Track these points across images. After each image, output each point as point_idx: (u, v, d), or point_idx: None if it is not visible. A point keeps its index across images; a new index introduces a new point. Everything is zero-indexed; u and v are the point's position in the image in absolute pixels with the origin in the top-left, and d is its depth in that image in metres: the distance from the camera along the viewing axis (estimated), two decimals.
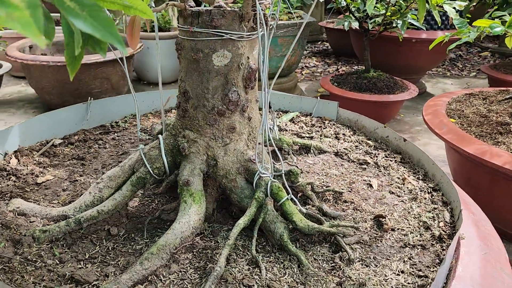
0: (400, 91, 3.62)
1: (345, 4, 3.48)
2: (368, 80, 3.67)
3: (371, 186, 1.56)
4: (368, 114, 3.49)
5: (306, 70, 5.39)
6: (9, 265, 1.08)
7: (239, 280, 1.11)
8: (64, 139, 1.76)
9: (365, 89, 3.58)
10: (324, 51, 6.40)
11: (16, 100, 4.18)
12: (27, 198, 1.36)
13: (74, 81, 3.68)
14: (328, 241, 1.26)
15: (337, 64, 5.67)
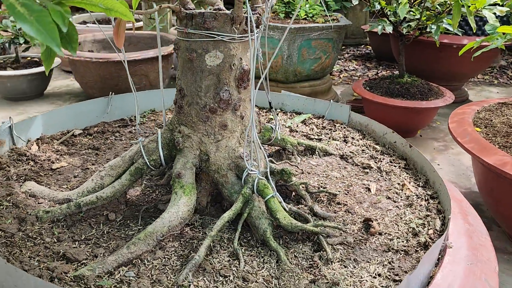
0: (434, 97, 3.53)
1: (380, 7, 3.44)
2: (401, 86, 3.61)
3: (369, 190, 1.57)
4: (399, 120, 3.43)
5: (344, 74, 5.35)
6: (11, 240, 1.20)
7: (217, 270, 1.17)
8: (84, 130, 1.90)
9: (397, 94, 3.52)
10: (366, 55, 6.31)
11: (63, 93, 4.45)
12: (40, 181, 1.49)
13: (114, 77, 3.88)
14: (312, 240, 1.29)
15: (377, 69, 5.57)
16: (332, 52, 4.21)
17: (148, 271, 1.15)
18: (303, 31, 3.75)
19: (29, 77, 3.91)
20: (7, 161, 1.54)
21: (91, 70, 3.88)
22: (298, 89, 4.03)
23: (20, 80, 3.88)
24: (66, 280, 1.08)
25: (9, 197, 1.36)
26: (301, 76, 4.01)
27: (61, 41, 0.81)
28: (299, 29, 3.70)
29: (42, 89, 4.17)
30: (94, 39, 4.55)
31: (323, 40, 4.01)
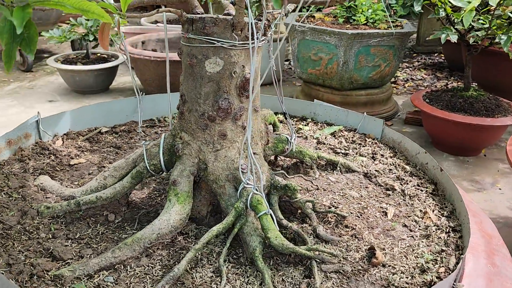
0: (501, 114, 3.20)
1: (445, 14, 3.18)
2: (464, 100, 3.31)
3: (386, 215, 1.44)
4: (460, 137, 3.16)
5: (410, 83, 5.03)
6: (8, 232, 1.24)
7: (196, 285, 1.12)
8: (111, 128, 1.94)
9: (459, 109, 3.24)
10: (438, 64, 5.89)
11: (127, 89, 4.65)
12: (55, 176, 1.54)
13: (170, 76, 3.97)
14: (304, 264, 1.20)
15: (448, 79, 5.17)
16: (393, 60, 3.98)
17: (127, 278, 1.13)
18: (361, 37, 3.58)
19: (96, 72, 4.12)
20: (29, 154, 1.61)
21: (150, 68, 4.01)
22: (354, 97, 3.87)
23: (88, 75, 4.10)
24: (45, 278, 1.09)
25: (21, 189, 1.42)
26: (357, 83, 3.84)
27: (21, 43, 0.81)
28: (357, 35, 3.54)
29: (108, 84, 4.37)
30: (158, 38, 4.69)
31: (384, 47, 3.80)
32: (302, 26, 3.72)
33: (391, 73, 4.07)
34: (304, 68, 3.92)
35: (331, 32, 3.58)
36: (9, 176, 1.47)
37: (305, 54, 3.86)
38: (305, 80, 4.04)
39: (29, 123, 1.65)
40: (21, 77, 4.77)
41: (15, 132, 1.60)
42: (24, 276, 1.08)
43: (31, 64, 4.90)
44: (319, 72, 3.86)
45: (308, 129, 2.00)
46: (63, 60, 4.20)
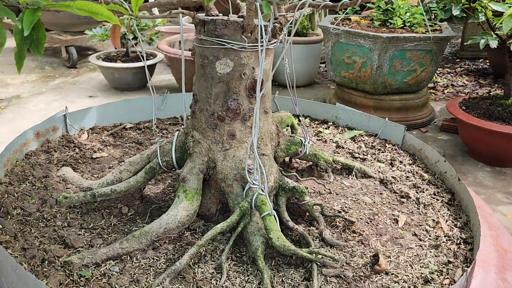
0: None
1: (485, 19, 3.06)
2: (504, 108, 3.18)
3: (396, 222, 1.41)
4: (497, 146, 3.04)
5: (449, 89, 4.86)
6: (27, 218, 1.32)
7: (197, 280, 1.15)
8: (136, 124, 2.01)
9: (497, 117, 3.11)
10: (482, 70, 5.64)
11: (163, 87, 4.77)
12: (77, 168, 1.62)
13: None
14: (305, 266, 1.20)
15: (491, 86, 4.95)
16: (430, 65, 3.88)
17: (132, 269, 1.18)
18: (397, 41, 3.51)
19: (134, 70, 4.25)
20: (55, 146, 1.70)
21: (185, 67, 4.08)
22: (387, 102, 3.80)
23: (126, 72, 4.24)
24: (55, 264, 1.15)
25: (44, 179, 1.51)
26: (391, 88, 3.76)
27: (30, 45, 0.86)
28: (392, 39, 3.47)
29: (145, 81, 4.50)
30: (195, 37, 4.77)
31: (420, 51, 3.71)
32: (336, 29, 3.69)
33: (428, 78, 3.96)
34: (338, 71, 3.88)
35: (366, 35, 3.53)
36: (34, 166, 1.56)
37: (339, 57, 3.83)
38: (338, 83, 4.00)
39: (57, 117, 1.74)
40: (66, 73, 4.98)
41: (43, 125, 1.70)
42: (36, 260, 1.15)
43: (76, 61, 5.11)
44: (352, 75, 3.81)
45: (328, 133, 1.99)
46: (104, 57, 4.37)
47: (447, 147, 3.32)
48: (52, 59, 5.46)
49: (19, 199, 1.38)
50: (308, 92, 4.77)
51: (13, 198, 1.38)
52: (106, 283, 1.12)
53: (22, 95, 4.16)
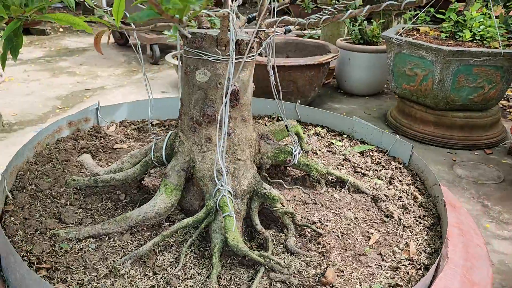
0: None
1: None
2: None
3: (368, 240, 1.42)
4: None
5: None
6: (38, 194, 1.55)
7: (155, 266, 1.28)
8: (162, 121, 2.20)
9: None
10: None
11: None
12: (96, 156, 1.84)
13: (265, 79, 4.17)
14: (256, 268, 1.27)
15: None
16: (501, 82, 3.60)
17: (106, 248, 1.34)
18: (461, 55, 3.34)
19: None
20: (83, 135, 1.94)
21: None
22: (449, 119, 3.62)
23: None
24: (45, 235, 1.36)
25: (64, 162, 1.74)
26: (454, 104, 3.58)
27: (10, 49, 1.06)
28: (456, 53, 3.32)
29: None
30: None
31: (489, 67, 3.48)
32: (399, 39, 3.60)
33: (497, 96, 3.69)
34: (399, 83, 3.78)
35: (428, 47, 3.41)
36: (60, 150, 1.81)
37: (401, 68, 3.73)
38: (399, 95, 3.90)
39: (89, 109, 1.98)
40: (148, 68, 5.42)
41: (76, 116, 1.95)
42: (30, 229, 1.37)
43: (158, 58, 5.54)
44: (413, 88, 3.70)
45: (340, 145, 2.01)
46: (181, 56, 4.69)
47: (510, 172, 3.08)
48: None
49: (37, 177, 1.63)
50: (373, 102, 4.68)
51: (33, 175, 1.63)
52: (80, 256, 1.29)
53: (106, 87, 4.64)
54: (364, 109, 4.42)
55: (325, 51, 4.44)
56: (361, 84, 4.71)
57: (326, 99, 4.66)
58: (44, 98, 4.22)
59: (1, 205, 1.43)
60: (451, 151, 3.50)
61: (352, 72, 4.72)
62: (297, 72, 4.11)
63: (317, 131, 2.11)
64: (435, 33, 3.90)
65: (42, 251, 1.29)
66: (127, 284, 1.21)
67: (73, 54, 5.95)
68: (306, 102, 4.28)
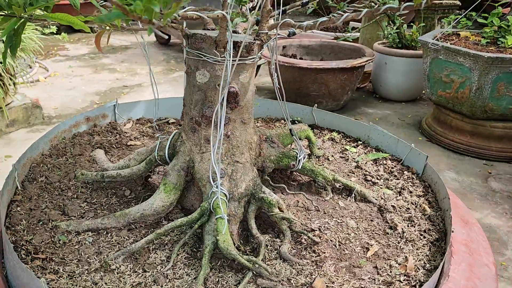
0: None
1: None
2: None
3: (366, 252, 1.37)
4: None
5: None
6: (47, 186, 1.60)
7: (145, 263, 1.30)
8: (178, 120, 2.22)
9: None
10: None
11: (264, 88, 4.99)
12: (108, 152, 1.88)
13: (297, 82, 4.15)
14: (243, 273, 1.26)
15: None
16: None
17: (103, 242, 1.37)
18: (502, 62, 3.18)
19: None
20: (99, 131, 2.00)
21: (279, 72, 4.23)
22: (487, 128, 3.45)
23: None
24: (47, 226, 1.41)
25: (77, 157, 1.80)
26: (492, 113, 3.41)
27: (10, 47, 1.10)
28: (495, 59, 3.16)
29: None
30: (300, 44, 4.90)
31: None
32: (435, 44, 3.47)
33: None
34: (434, 89, 3.64)
35: (466, 53, 3.26)
36: (75, 145, 1.87)
37: (437, 74, 3.59)
38: (434, 102, 3.75)
39: (107, 106, 2.03)
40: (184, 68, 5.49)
41: (94, 112, 2.01)
42: (34, 220, 1.42)
43: None
44: (449, 95, 3.55)
45: (354, 151, 1.95)
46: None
47: None
48: (179, 54, 6.04)
49: (49, 170, 1.69)
50: (408, 108, 4.54)
51: (45, 168, 1.69)
52: (76, 249, 1.33)
53: (143, 84, 4.75)
54: (398, 115, 4.28)
55: (360, 54, 4.35)
56: (397, 89, 4.57)
57: (360, 104, 4.56)
58: (84, 93, 4.38)
59: (11, 195, 1.49)
60: (487, 162, 3.33)
61: (388, 76, 4.59)
62: (329, 75, 4.05)
63: (332, 136, 2.07)
64: (476, 38, 3.72)
65: (41, 242, 1.34)
66: (115, 280, 1.22)
67: (116, 52, 6.14)
68: (338, 106, 4.21)
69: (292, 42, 4.84)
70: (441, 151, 3.59)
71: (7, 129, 2.77)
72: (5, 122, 2.80)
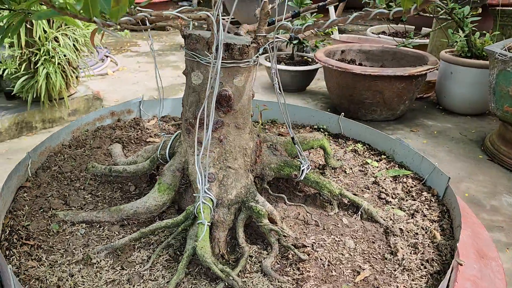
0: None
1: None
2: None
3: (355, 276, 1.26)
4: None
5: None
6: (59, 175, 1.67)
7: (125, 261, 1.30)
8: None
9: None
10: None
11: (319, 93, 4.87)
12: (126, 147, 1.92)
13: (350, 87, 4.00)
14: (217, 283, 1.22)
15: None
16: None
17: (93, 235, 1.40)
18: None
19: (293, 73, 4.49)
20: (122, 125, 2.05)
21: (332, 77, 4.13)
22: None
23: (285, 74, 4.51)
24: (47, 213, 1.46)
25: (95, 149, 1.86)
26: None
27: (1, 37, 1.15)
28: None
29: (303, 85, 4.68)
30: (359, 49, 4.73)
31: None
32: (503, 55, 3.17)
33: None
34: (500, 104, 3.33)
35: None
36: (96, 137, 1.93)
37: (503, 88, 3.28)
38: (499, 118, 3.43)
39: (132, 102, 2.08)
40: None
41: (119, 107, 2.06)
42: (36, 207, 1.48)
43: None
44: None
45: (376, 166, 1.82)
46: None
47: None
48: None
49: (65, 160, 1.76)
50: (473, 122, 4.21)
51: (61, 158, 1.77)
52: (66, 239, 1.37)
53: None
54: (460, 130, 3.98)
55: (423, 62, 4.09)
56: (463, 102, 4.24)
57: (419, 115, 4.29)
58: (145, 88, 4.56)
59: (22, 181, 1.58)
60: None
61: (453, 87, 4.27)
62: (385, 82, 3.85)
63: (355, 148, 1.94)
64: None
65: (36, 228, 1.39)
66: (92, 274, 1.24)
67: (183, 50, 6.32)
68: (394, 116, 4.00)
69: (352, 46, 4.68)
70: (503, 172, 3.28)
71: (69, 117, 2.96)
72: (67, 111, 2.98)
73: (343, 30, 7.99)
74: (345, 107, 4.13)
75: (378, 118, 4.02)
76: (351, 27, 8.42)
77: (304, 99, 4.60)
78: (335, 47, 4.62)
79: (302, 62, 4.71)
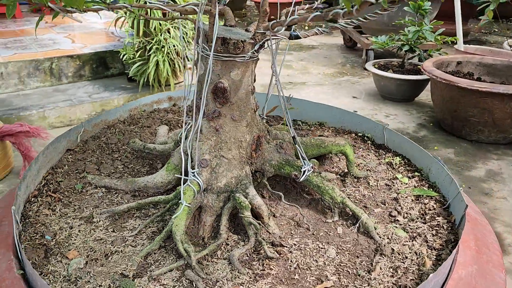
0: None
1: None
2: None
3: (316, 284, 1.22)
4: None
5: None
6: (104, 145, 1.91)
7: (121, 226, 1.45)
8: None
9: None
10: None
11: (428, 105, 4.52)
12: (172, 129, 2.09)
13: (454, 102, 3.67)
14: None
15: None
16: None
17: (106, 199, 1.58)
18: None
19: (398, 82, 4.29)
20: (176, 110, 2.22)
21: (437, 89, 3.85)
22: None
23: (390, 82, 4.35)
24: (80, 175, 1.70)
25: (145, 128, 2.07)
26: None
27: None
28: None
29: (411, 95, 4.44)
30: (480, 61, 4.32)
31: None
32: None
33: None
34: None
35: None
36: (149, 118, 2.14)
37: None
38: None
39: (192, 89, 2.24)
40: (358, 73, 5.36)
41: (177, 93, 2.24)
42: (73, 168, 1.73)
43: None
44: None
45: (405, 182, 1.68)
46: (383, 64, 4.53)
47: None
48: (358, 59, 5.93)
49: (115, 133, 1.99)
50: None
51: (113, 131, 2.01)
52: (84, 198, 1.58)
53: (307, 83, 4.90)
54: None
55: None
56: None
57: None
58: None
59: (71, 145, 1.84)
60: None
61: None
62: (495, 100, 3.46)
63: (392, 161, 1.81)
64: None
65: (66, 185, 1.63)
66: (87, 230, 1.42)
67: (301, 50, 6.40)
68: (505, 140, 3.57)
69: (472, 58, 4.26)
70: None
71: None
72: None
73: (483, 41, 7.24)
74: (448, 123, 3.80)
75: (485, 140, 3.62)
76: (495, 38, 7.56)
77: (408, 110, 4.34)
78: (450, 57, 4.25)
79: (413, 71, 4.43)
